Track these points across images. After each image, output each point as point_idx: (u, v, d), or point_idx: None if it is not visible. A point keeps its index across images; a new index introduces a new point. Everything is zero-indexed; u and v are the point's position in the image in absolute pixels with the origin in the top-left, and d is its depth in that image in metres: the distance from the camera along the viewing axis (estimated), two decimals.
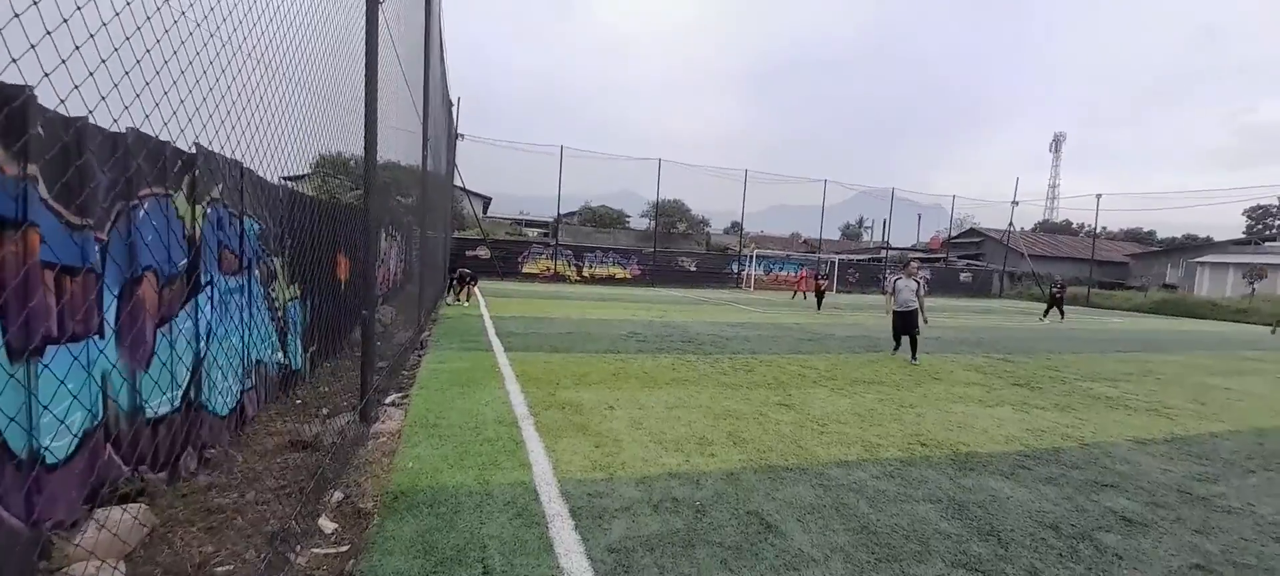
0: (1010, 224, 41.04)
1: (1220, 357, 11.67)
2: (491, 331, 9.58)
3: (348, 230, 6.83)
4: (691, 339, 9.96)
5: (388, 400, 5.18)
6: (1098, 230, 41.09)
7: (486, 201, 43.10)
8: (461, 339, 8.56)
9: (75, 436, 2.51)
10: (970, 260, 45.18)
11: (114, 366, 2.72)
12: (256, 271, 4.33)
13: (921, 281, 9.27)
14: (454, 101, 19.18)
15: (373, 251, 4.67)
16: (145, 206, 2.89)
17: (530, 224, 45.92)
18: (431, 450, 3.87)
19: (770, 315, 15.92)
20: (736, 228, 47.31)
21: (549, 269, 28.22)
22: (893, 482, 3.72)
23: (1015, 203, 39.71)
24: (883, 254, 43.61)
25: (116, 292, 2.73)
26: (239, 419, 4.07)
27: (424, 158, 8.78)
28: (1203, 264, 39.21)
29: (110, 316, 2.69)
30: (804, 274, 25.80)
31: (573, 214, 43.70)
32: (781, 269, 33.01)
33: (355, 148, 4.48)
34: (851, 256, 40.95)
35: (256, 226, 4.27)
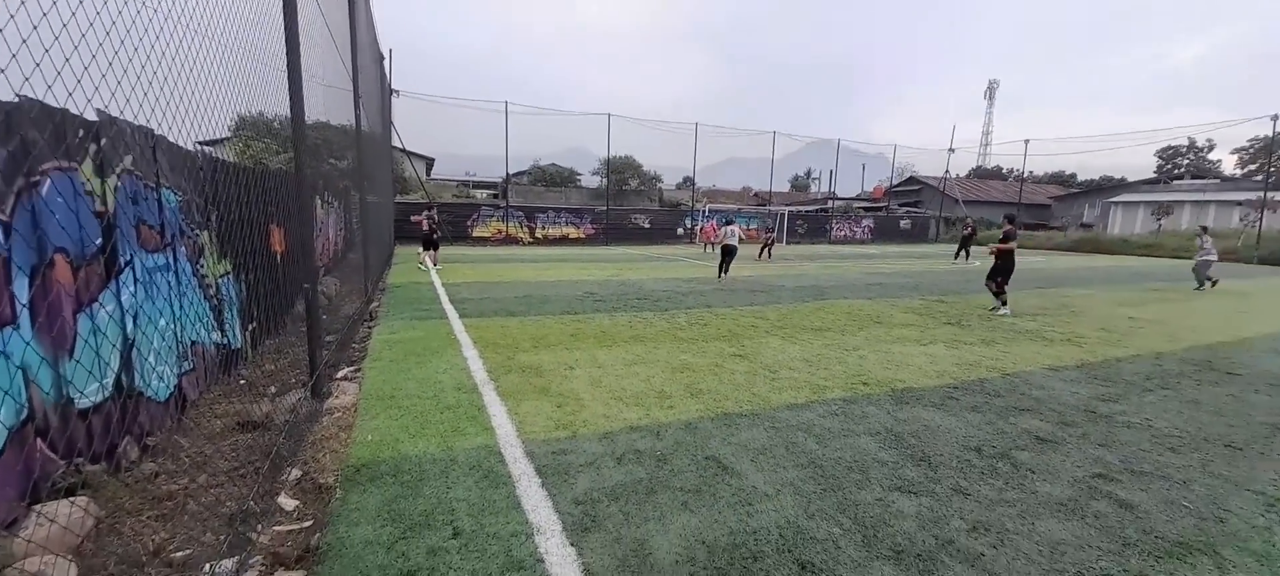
0: (946, 171, 42.94)
1: (1129, 290, 12.86)
2: (444, 298, 9.39)
3: (280, 198, 6.45)
4: (647, 296, 10.09)
5: (340, 375, 5.05)
6: (1025, 174, 43.59)
7: (429, 163, 41.26)
8: (413, 308, 8.36)
9: (1, 429, 2.35)
10: (909, 208, 47.21)
11: (34, 356, 2.54)
12: (181, 247, 4.07)
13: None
14: (386, 55, 17.99)
15: (309, 220, 4.46)
16: (49, 182, 2.64)
17: (478, 185, 44.44)
18: (391, 421, 3.84)
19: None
20: (689, 182, 47.40)
21: (501, 231, 27.58)
22: (837, 420, 4.00)
23: (951, 149, 41.46)
24: (830, 204, 44.89)
25: (27, 278, 2.52)
26: (180, 403, 3.90)
27: (357, 116, 8.29)
28: (1116, 203, 42.49)
29: (24, 304, 2.49)
30: (712, 226, 26.28)
31: (522, 173, 42.53)
32: (728, 222, 33.38)
33: (280, 107, 4.20)
34: (801, 208, 41.96)
35: (176, 198, 3.98)
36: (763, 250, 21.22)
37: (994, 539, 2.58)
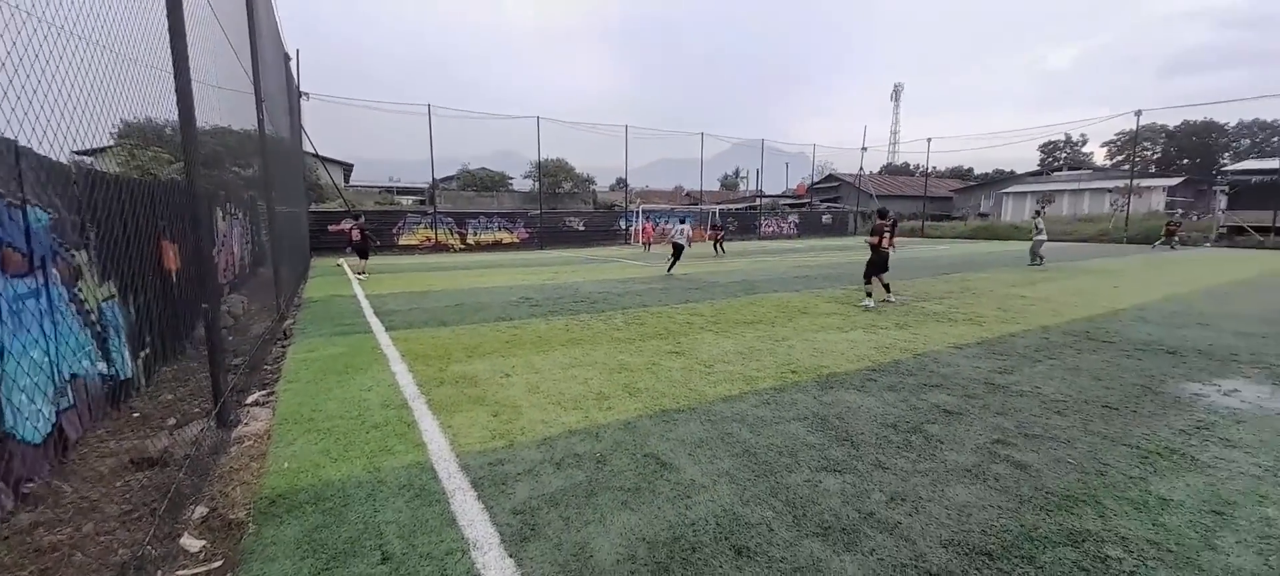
0: (860, 168, 45.74)
1: (1020, 272, 14.23)
2: (368, 311, 8.91)
3: (171, 211, 5.88)
4: (584, 298, 10.05)
5: (250, 400, 4.68)
6: (929, 170, 47.21)
7: (347, 169, 38.97)
8: (333, 323, 7.87)
9: None
10: (830, 203, 49.88)
11: None
12: (54, 270, 3.62)
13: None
14: (291, 55, 16.78)
15: (205, 233, 4.10)
16: None
17: (403, 191, 42.47)
18: (310, 445, 3.60)
19: (659, 269, 16.47)
20: (622, 184, 47.60)
21: (429, 238, 26.50)
22: (768, 409, 4.17)
23: (864, 148, 44.25)
24: (758, 202, 46.58)
25: None
26: (60, 444, 3.47)
27: (261, 119, 7.71)
28: (1007, 194, 46.96)
29: None
30: (648, 226, 28.46)
31: (451, 178, 41.09)
32: (665, 221, 34.00)
33: (169, 111, 3.84)
34: (731, 206, 43.23)
35: (45, 216, 3.54)
36: (716, 245, 22.43)
37: (909, 508, 2.79)
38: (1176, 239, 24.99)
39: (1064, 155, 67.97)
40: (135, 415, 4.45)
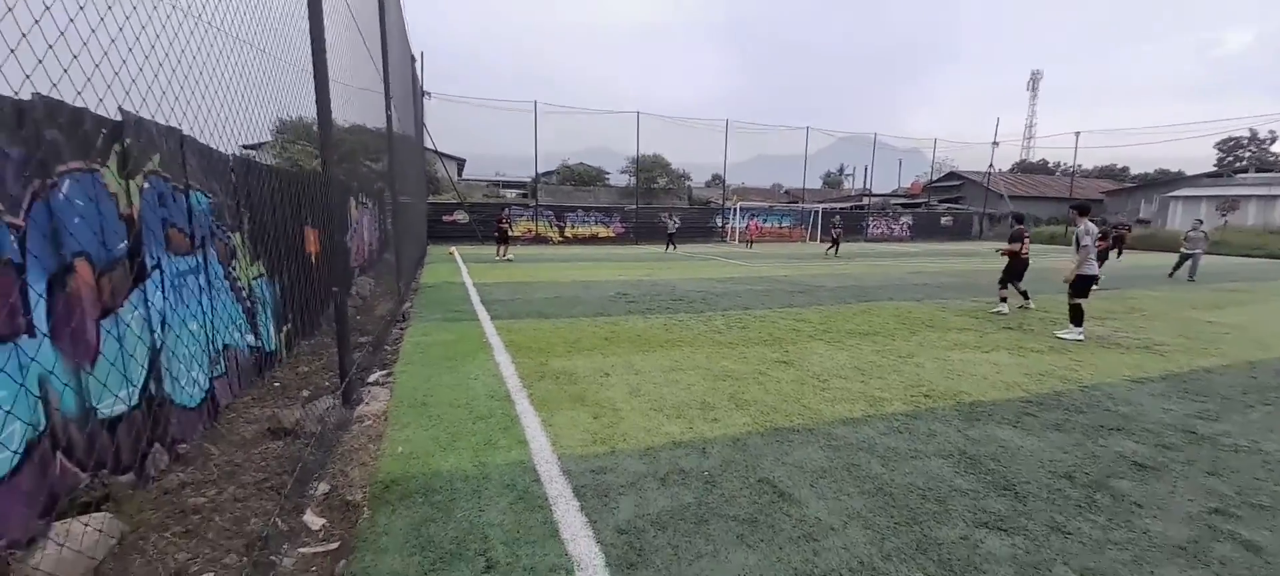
0: (990, 165, 41.19)
1: (1200, 291, 11.90)
2: (476, 299, 9.29)
3: (313, 200, 6.40)
4: (682, 297, 9.79)
5: (371, 379, 4.93)
6: (1075, 168, 41.45)
7: (460, 163, 41.80)
8: (445, 309, 8.27)
9: (16, 451, 2.23)
10: (951, 204, 45.50)
11: (53, 368, 2.42)
12: (212, 249, 3.97)
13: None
14: (417, 57, 18.13)
15: (338, 221, 4.32)
16: (67, 184, 2.52)
17: (507, 185, 44.81)
18: (421, 432, 3.66)
19: (756, 268, 15.81)
20: (718, 181, 46.77)
21: (530, 230, 27.66)
22: (901, 438, 3.63)
23: (995, 143, 39.74)
24: (865, 201, 43.62)
25: (44, 286, 2.40)
26: (212, 409, 3.80)
27: (389, 117, 8.24)
28: (1176, 197, 39.99)
29: (40, 313, 2.37)
30: (754, 225, 29.36)
31: (551, 173, 42.68)
32: (765, 220, 32.89)
33: (312, 110, 4.08)
34: (835, 205, 40.90)
35: (206, 200, 3.89)
36: (832, 246, 21.89)
37: None
38: None
39: (1249, 155, 56.50)
40: (276, 385, 4.85)
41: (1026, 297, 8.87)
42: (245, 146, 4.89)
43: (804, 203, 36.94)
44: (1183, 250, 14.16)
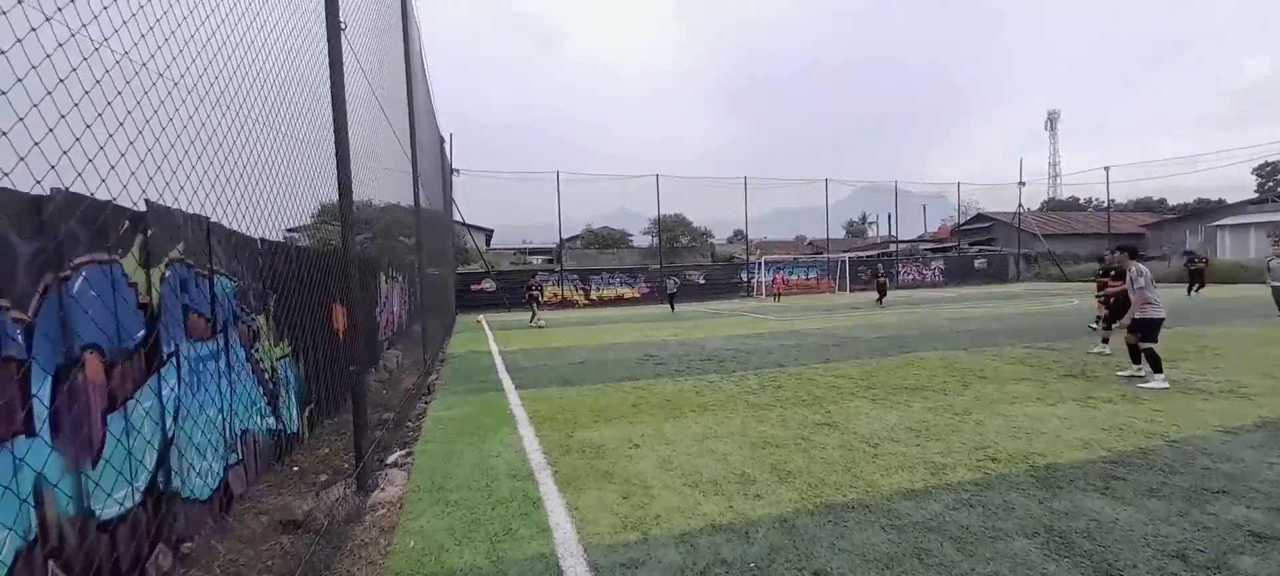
0: (1019, 205, 40.31)
1: (1272, 326, 10.97)
2: (501, 367, 9.13)
3: (342, 277, 6.45)
4: (711, 356, 9.45)
5: (391, 459, 4.72)
6: (1109, 202, 40.22)
7: (489, 234, 43.00)
8: (468, 380, 8.11)
9: (3, 562, 2.06)
10: (981, 245, 44.39)
11: (47, 468, 2.28)
12: (235, 333, 3.92)
13: None
14: (446, 138, 19.00)
15: (361, 297, 4.26)
16: (82, 276, 2.47)
17: (533, 252, 45.75)
18: (436, 521, 3.39)
19: (787, 322, 15.38)
20: (740, 236, 46.89)
21: (556, 295, 27.85)
22: (974, 513, 3.19)
23: (1022, 183, 39.06)
24: (891, 248, 42.93)
25: (49, 380, 2.30)
26: (225, 500, 3.63)
27: (416, 194, 8.44)
28: (1223, 226, 38.20)
29: (42, 409, 2.26)
30: (780, 277, 29.90)
31: (575, 238, 43.47)
32: (790, 272, 32.52)
33: (358, 193, 4.16)
34: (862, 253, 40.33)
35: (231, 284, 3.87)
36: (880, 296, 21.56)
37: None
38: None
39: None
40: (294, 470, 4.67)
41: (1106, 343, 8.55)
42: (289, 230, 4.98)
43: (829, 253, 36.54)
44: (1272, 283, 11.39)
